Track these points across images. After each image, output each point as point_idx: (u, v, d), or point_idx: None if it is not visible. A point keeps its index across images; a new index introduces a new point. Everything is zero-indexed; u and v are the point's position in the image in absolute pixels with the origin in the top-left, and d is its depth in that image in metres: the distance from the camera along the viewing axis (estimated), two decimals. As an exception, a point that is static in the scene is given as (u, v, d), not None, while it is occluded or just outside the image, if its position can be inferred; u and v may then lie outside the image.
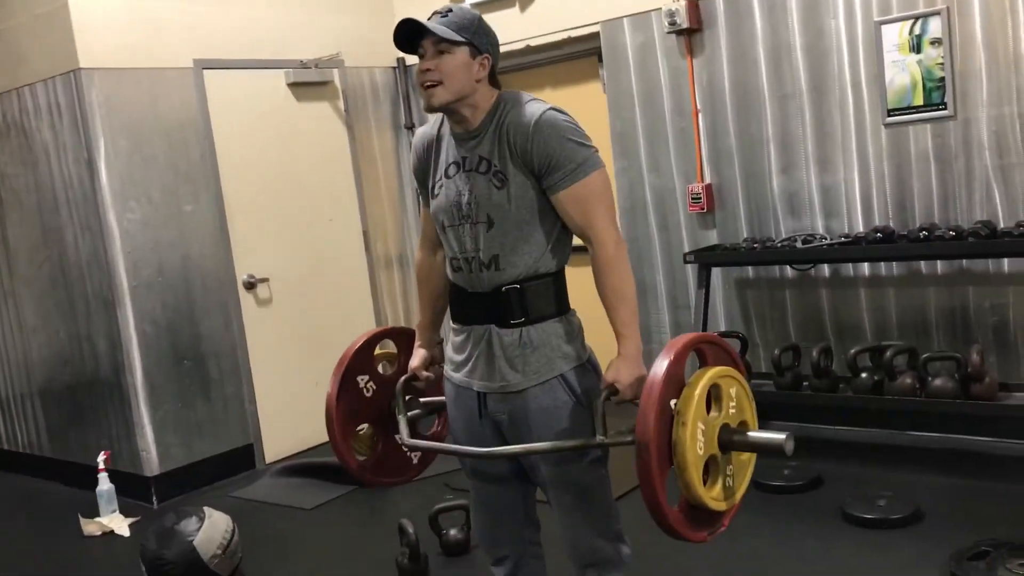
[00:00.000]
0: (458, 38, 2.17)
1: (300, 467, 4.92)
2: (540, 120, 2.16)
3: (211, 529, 3.59)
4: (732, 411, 2.11)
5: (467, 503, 3.57)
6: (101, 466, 4.55)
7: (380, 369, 2.66)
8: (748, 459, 2.18)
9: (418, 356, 2.54)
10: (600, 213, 2.19)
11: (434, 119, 2.40)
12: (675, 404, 2.02)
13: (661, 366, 2.02)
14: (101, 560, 4.16)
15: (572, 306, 2.34)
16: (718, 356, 2.18)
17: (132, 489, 4.71)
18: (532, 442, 2.26)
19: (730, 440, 2.09)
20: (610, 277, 2.18)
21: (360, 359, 2.59)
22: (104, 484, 4.52)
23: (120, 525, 4.43)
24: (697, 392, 2.02)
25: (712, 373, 2.07)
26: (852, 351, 4.05)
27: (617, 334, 2.19)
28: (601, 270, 2.19)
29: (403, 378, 2.55)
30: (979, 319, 4.13)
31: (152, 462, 4.71)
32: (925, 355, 3.94)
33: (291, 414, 5.23)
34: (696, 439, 2.00)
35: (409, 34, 2.19)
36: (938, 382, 3.87)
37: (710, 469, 2.07)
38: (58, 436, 5.24)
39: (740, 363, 2.23)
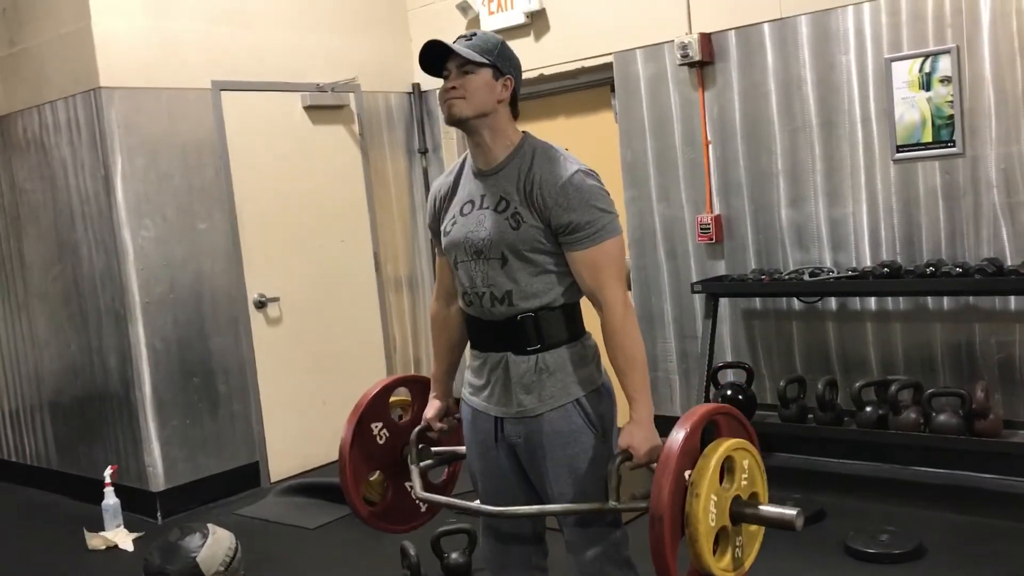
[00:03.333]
0: (482, 60, 2.23)
1: (305, 487, 4.94)
2: (568, 182, 2.20)
3: (215, 546, 3.61)
4: (744, 483, 2.15)
5: (470, 527, 3.59)
6: (107, 480, 4.57)
7: (393, 416, 2.68)
8: (758, 530, 2.22)
9: (432, 407, 2.57)
10: (611, 278, 2.23)
11: (449, 168, 2.45)
12: (689, 475, 2.05)
13: (677, 438, 2.05)
14: (104, 575, 4.18)
15: (587, 330, 2.37)
16: (732, 427, 2.21)
17: (137, 504, 4.74)
18: (545, 466, 2.30)
19: (741, 513, 2.12)
20: (620, 341, 2.22)
21: (375, 406, 2.62)
22: (110, 498, 4.55)
23: (124, 540, 4.45)
24: (712, 464, 2.05)
25: (727, 446, 2.10)
26: (857, 385, 4.06)
27: (629, 398, 2.22)
28: (611, 334, 2.23)
29: (418, 428, 2.57)
30: (985, 356, 4.13)
31: (158, 478, 4.73)
32: (930, 390, 3.95)
33: (297, 434, 5.26)
34: (708, 511, 2.03)
35: (434, 56, 2.24)
36: (942, 418, 3.87)
37: (720, 540, 2.10)
38: (66, 449, 5.27)
39: (753, 433, 2.26)
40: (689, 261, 4.93)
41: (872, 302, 4.42)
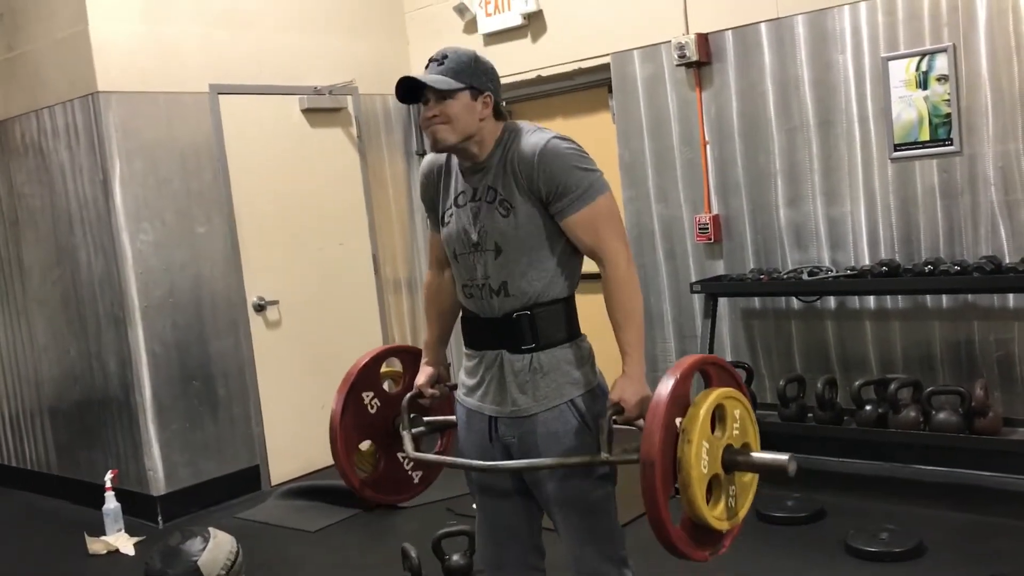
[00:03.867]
0: (457, 85, 2.22)
1: (305, 490, 4.94)
2: (544, 149, 2.21)
3: (215, 550, 3.61)
4: (736, 432, 2.14)
5: (470, 529, 3.59)
6: (108, 485, 4.58)
7: (385, 387, 2.69)
8: (751, 480, 2.21)
9: (424, 374, 2.57)
10: (610, 233, 2.23)
11: None
12: (680, 423, 2.05)
13: (667, 385, 2.05)
14: (105, 579, 4.19)
15: (583, 332, 2.37)
16: (723, 378, 2.21)
17: (138, 508, 4.74)
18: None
19: (734, 460, 2.12)
20: (620, 295, 2.22)
21: (366, 375, 2.64)
22: (110, 503, 4.55)
23: (125, 544, 4.45)
24: (703, 411, 2.04)
25: (717, 394, 2.10)
26: (857, 383, 4.06)
27: (623, 353, 2.22)
28: (612, 288, 2.23)
29: (409, 395, 2.58)
30: (984, 354, 4.14)
31: (159, 481, 4.73)
32: (929, 389, 3.95)
33: (297, 437, 5.26)
34: (700, 457, 2.02)
35: (410, 87, 2.24)
36: (942, 416, 3.87)
37: (713, 488, 2.10)
38: (66, 454, 5.28)
39: (744, 386, 2.26)
40: (688, 261, 4.94)
41: (871, 301, 4.42)
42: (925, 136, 4.17)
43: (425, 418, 2.66)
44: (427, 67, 2.27)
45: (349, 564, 4.08)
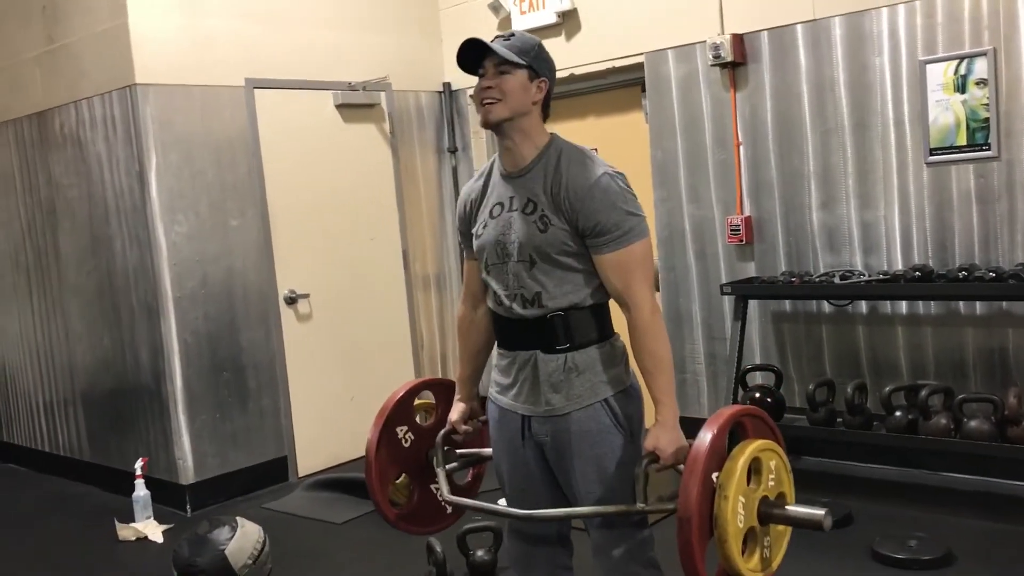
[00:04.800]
0: (519, 60, 2.24)
1: (332, 482, 4.97)
2: (595, 185, 2.21)
3: (243, 539, 3.64)
4: (771, 484, 2.15)
5: (496, 525, 3.60)
6: (138, 472, 4.63)
7: (418, 419, 2.70)
8: (785, 530, 2.22)
9: (457, 410, 2.57)
10: (638, 280, 2.23)
11: (479, 172, 2.46)
12: (716, 477, 2.06)
13: (705, 440, 2.06)
14: (134, 565, 4.23)
15: (616, 332, 2.38)
16: (759, 429, 2.22)
17: (167, 496, 4.79)
18: (573, 466, 2.31)
19: (769, 513, 2.13)
20: (648, 343, 2.22)
21: (400, 409, 2.64)
22: (140, 490, 4.61)
23: (154, 531, 4.50)
24: (739, 466, 2.05)
25: (754, 447, 2.10)
26: (887, 389, 4.03)
27: (655, 400, 2.23)
28: (638, 336, 2.23)
29: (443, 431, 2.59)
30: (1018, 361, 4.08)
31: (188, 470, 4.79)
32: (961, 396, 3.91)
33: (325, 429, 5.30)
34: (737, 512, 2.04)
35: (472, 54, 2.26)
36: (973, 424, 3.83)
37: (748, 541, 2.11)
38: (98, 441, 5.35)
39: (779, 434, 2.26)
40: (719, 262, 4.91)
41: (903, 306, 4.38)
42: (962, 141, 4.12)
43: (458, 451, 2.66)
44: (493, 40, 2.29)
45: (374, 557, 4.10)
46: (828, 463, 4.65)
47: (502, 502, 2.56)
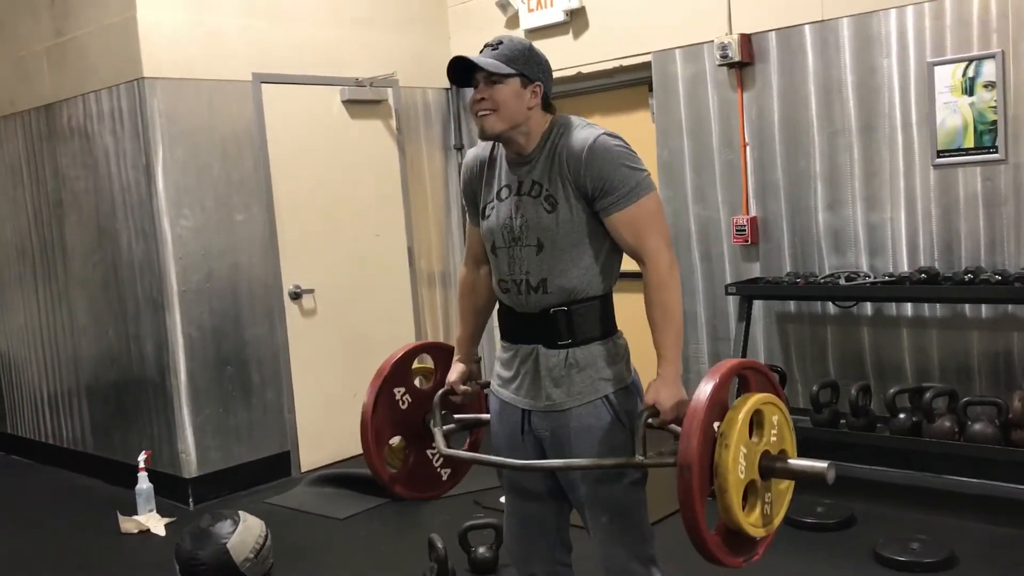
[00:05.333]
0: (509, 71, 2.23)
1: (334, 477, 4.98)
2: (593, 145, 2.20)
3: (245, 533, 3.65)
4: (773, 438, 2.12)
5: (497, 522, 3.60)
6: (141, 465, 4.64)
7: (416, 383, 2.70)
8: (787, 488, 2.19)
9: (456, 370, 2.57)
10: (653, 234, 2.22)
11: (484, 144, 2.45)
12: (718, 427, 2.03)
13: (706, 389, 2.03)
14: (136, 558, 4.24)
15: (619, 329, 2.37)
16: (761, 383, 2.19)
17: (170, 490, 4.80)
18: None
19: (771, 467, 2.10)
20: (660, 296, 2.21)
21: (398, 371, 2.64)
22: (143, 483, 4.62)
23: (156, 524, 4.51)
24: (741, 415, 2.03)
25: (756, 399, 2.08)
26: (891, 391, 4.02)
27: (659, 355, 2.21)
28: (652, 289, 2.22)
29: (441, 391, 2.59)
30: (1023, 365, 4.07)
31: (191, 464, 4.79)
32: (965, 399, 3.90)
33: (328, 424, 5.30)
34: (738, 462, 2.01)
35: (462, 69, 2.25)
36: (978, 427, 3.82)
37: (749, 495, 2.08)
38: (101, 434, 5.36)
39: (782, 391, 2.24)
40: (724, 263, 4.91)
41: (908, 308, 4.37)
42: (969, 143, 4.11)
43: (456, 415, 2.66)
44: (481, 51, 2.28)
45: (376, 553, 4.10)
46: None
47: (502, 500, 2.56)
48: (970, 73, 4.07)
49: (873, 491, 4.32)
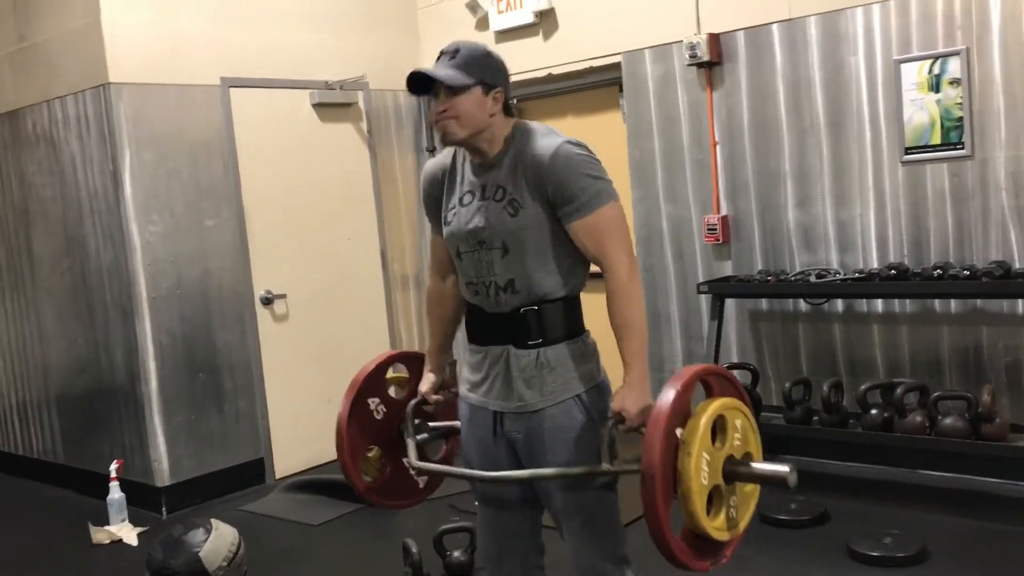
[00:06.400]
0: (468, 81, 2.21)
1: (309, 483, 4.95)
2: (555, 153, 2.20)
3: (217, 541, 3.62)
4: (737, 443, 2.13)
5: (472, 526, 3.59)
6: (113, 475, 4.59)
7: (391, 392, 2.68)
8: (752, 491, 2.20)
9: (428, 380, 2.56)
10: (614, 242, 2.22)
11: (448, 149, 2.44)
12: (681, 433, 2.04)
13: (668, 396, 2.04)
14: (108, 568, 4.19)
15: (588, 328, 2.37)
16: (724, 388, 2.20)
17: (142, 499, 4.75)
18: (546, 462, 2.29)
19: (734, 471, 2.11)
20: (621, 305, 2.21)
21: (372, 381, 2.62)
22: (115, 493, 4.56)
23: (129, 534, 4.46)
24: (703, 422, 2.03)
25: (718, 404, 2.08)
26: (863, 387, 4.05)
27: (624, 363, 2.21)
28: (613, 298, 2.22)
29: (413, 401, 2.58)
30: (992, 359, 4.12)
31: (163, 473, 4.75)
32: (936, 394, 3.93)
33: (302, 430, 5.27)
34: (701, 469, 2.01)
35: (422, 81, 2.24)
36: (948, 421, 3.85)
37: (714, 499, 2.09)
38: (72, 443, 5.30)
39: (746, 395, 2.24)
40: (696, 261, 4.92)
41: (879, 304, 4.40)
42: (936, 140, 4.15)
43: (430, 424, 2.65)
44: (438, 60, 2.26)
45: (351, 558, 4.08)
46: (804, 461, 4.65)
47: (477, 503, 2.55)
48: (936, 70, 4.11)
49: (846, 487, 4.34)
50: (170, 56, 4.78)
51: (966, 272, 3.90)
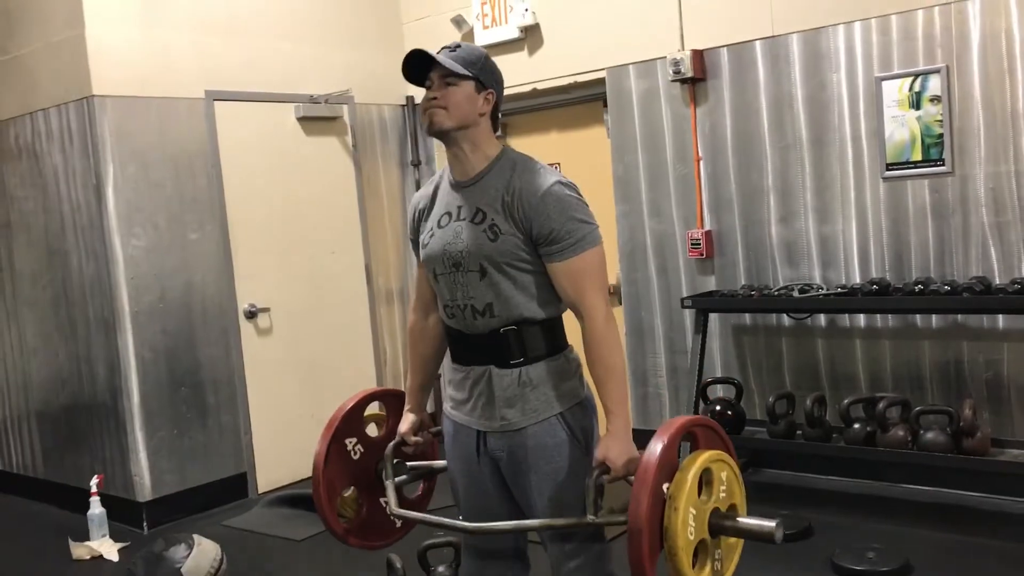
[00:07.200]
0: (465, 72, 2.23)
1: (292, 498, 4.92)
2: (547, 193, 2.20)
3: (200, 557, 3.59)
4: (723, 495, 2.14)
5: (456, 540, 3.58)
6: (94, 490, 4.55)
7: (368, 430, 2.66)
8: (736, 542, 2.21)
9: (407, 421, 2.55)
10: (592, 288, 2.22)
11: (430, 180, 2.45)
12: (667, 488, 2.05)
13: (655, 450, 2.04)
14: (89, 584, 4.16)
15: (570, 344, 2.37)
16: (710, 439, 2.21)
17: (123, 514, 4.71)
18: (529, 480, 2.29)
19: (720, 525, 2.12)
20: (600, 352, 2.21)
21: (349, 421, 2.60)
22: (96, 508, 4.53)
23: (109, 550, 4.42)
24: (690, 477, 2.04)
25: (705, 457, 2.09)
26: (846, 401, 4.07)
27: (607, 410, 2.20)
28: (591, 344, 2.22)
29: (393, 443, 2.55)
30: (973, 374, 4.15)
31: (145, 487, 4.71)
32: (918, 408, 3.96)
33: (285, 445, 5.24)
34: (687, 524, 2.02)
35: (418, 65, 2.25)
36: (930, 435, 3.88)
37: (699, 553, 2.10)
38: (52, 458, 5.25)
39: (730, 444, 2.26)
40: (680, 276, 4.94)
41: (861, 319, 4.43)
42: (917, 156, 4.19)
43: (408, 463, 2.63)
44: (439, 52, 2.27)
45: (334, 573, 4.06)
46: (788, 475, 4.68)
47: (452, 520, 2.54)
48: (916, 87, 4.15)
49: (830, 501, 4.36)
50: (154, 69, 4.77)
51: (947, 287, 3.93)
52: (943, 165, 4.12)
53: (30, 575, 4.31)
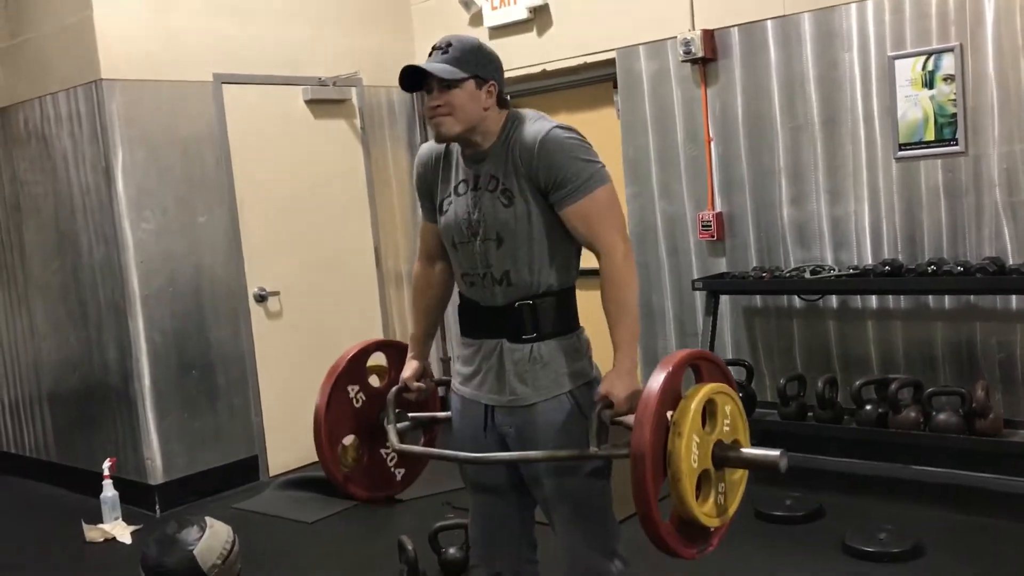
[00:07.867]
0: (462, 74, 2.21)
1: (303, 480, 4.94)
2: (545, 138, 2.19)
3: (212, 539, 3.57)
4: (726, 428, 2.12)
5: (467, 522, 3.59)
6: (106, 473, 4.57)
7: (371, 381, 2.67)
8: (740, 478, 2.20)
9: (410, 367, 2.55)
10: (607, 225, 2.21)
11: None
12: (671, 416, 2.03)
13: (659, 378, 2.03)
14: (102, 567, 4.18)
15: (581, 323, 2.36)
16: (713, 374, 2.20)
17: (136, 497, 4.74)
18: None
19: (724, 456, 2.10)
20: (614, 288, 2.20)
21: (352, 369, 2.62)
22: (108, 491, 4.55)
23: (122, 532, 4.45)
24: (694, 404, 2.03)
25: (709, 388, 2.08)
26: (857, 383, 4.05)
27: (615, 346, 2.20)
28: (607, 281, 2.21)
29: (395, 388, 2.57)
30: (986, 355, 4.12)
31: (156, 470, 4.73)
32: (930, 389, 3.94)
33: (296, 427, 5.23)
34: (691, 451, 2.01)
35: (415, 75, 2.23)
36: (942, 417, 3.86)
37: (703, 484, 2.08)
38: (65, 441, 5.28)
39: (734, 382, 2.25)
40: (690, 258, 4.92)
41: (873, 300, 4.40)
42: (930, 136, 4.15)
43: (410, 413, 2.64)
44: (430, 55, 2.25)
45: (345, 556, 4.07)
46: (799, 457, 4.63)
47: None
48: (930, 66, 4.11)
49: (841, 483, 4.34)
50: (163, 52, 4.75)
51: (960, 268, 3.90)
52: (956, 145, 4.08)
53: (44, 558, 4.34)
